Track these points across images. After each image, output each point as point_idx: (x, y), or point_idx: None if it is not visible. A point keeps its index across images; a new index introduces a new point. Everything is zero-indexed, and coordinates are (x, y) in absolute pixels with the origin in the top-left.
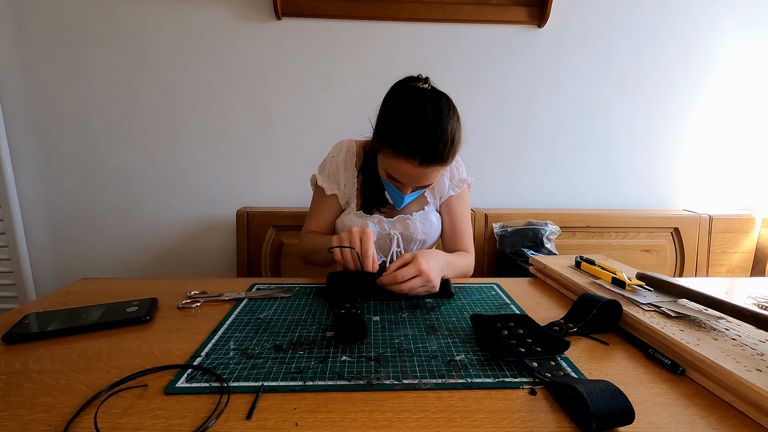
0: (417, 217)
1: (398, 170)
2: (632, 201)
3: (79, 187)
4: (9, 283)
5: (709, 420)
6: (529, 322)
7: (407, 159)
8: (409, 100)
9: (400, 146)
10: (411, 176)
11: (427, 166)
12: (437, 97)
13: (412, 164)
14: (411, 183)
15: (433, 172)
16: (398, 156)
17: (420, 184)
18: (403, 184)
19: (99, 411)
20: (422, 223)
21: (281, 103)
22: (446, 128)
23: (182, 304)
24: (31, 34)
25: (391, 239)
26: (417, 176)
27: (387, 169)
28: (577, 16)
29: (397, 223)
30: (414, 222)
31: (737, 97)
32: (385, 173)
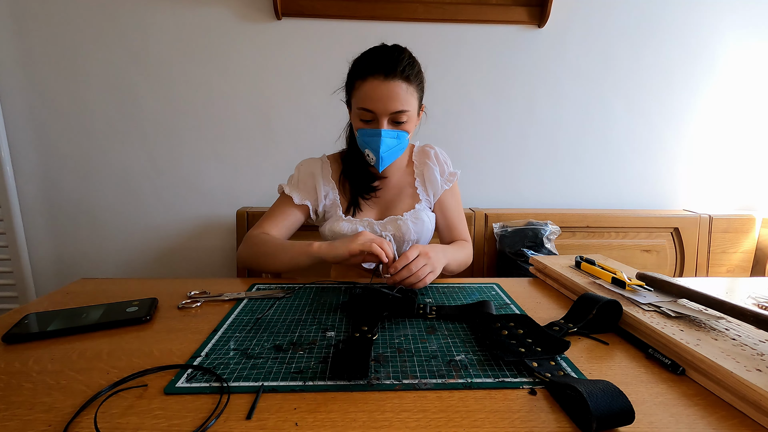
0: (408, 216)
1: (366, 94)
2: (632, 201)
3: (79, 187)
4: (9, 283)
5: (709, 420)
6: (529, 322)
7: (373, 76)
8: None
9: (363, 69)
10: (380, 96)
11: (392, 78)
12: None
13: (378, 80)
14: (382, 106)
15: (401, 89)
16: (364, 79)
17: (391, 106)
18: (376, 113)
19: (99, 411)
20: (414, 223)
21: (281, 103)
22: (402, 50)
23: (182, 304)
24: (31, 34)
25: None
26: (386, 94)
27: (358, 104)
28: (577, 16)
29: (389, 225)
30: (405, 222)
31: (737, 97)
32: (359, 117)
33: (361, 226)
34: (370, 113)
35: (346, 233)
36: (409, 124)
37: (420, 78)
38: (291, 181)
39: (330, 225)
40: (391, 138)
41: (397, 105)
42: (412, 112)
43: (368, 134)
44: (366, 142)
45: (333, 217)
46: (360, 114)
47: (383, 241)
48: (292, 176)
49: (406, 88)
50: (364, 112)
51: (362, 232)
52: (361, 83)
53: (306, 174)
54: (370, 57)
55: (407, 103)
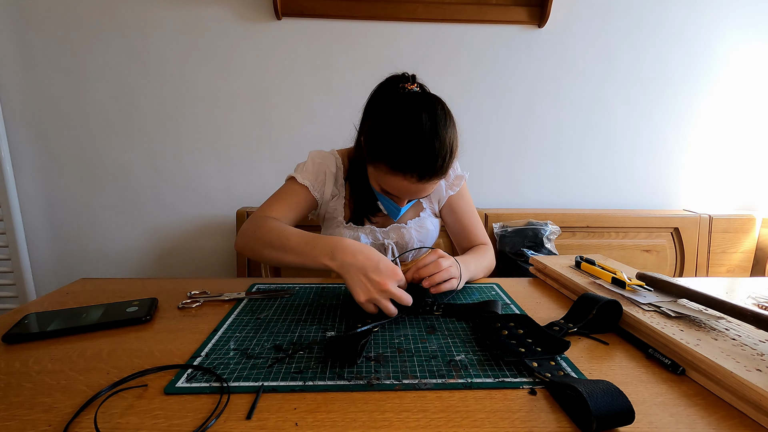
0: (412, 225)
1: (393, 186)
2: (632, 201)
3: (79, 187)
4: (9, 283)
5: (709, 420)
6: (529, 322)
7: (404, 176)
8: (402, 109)
9: (396, 163)
10: (407, 192)
11: (426, 181)
12: (432, 105)
13: (409, 181)
14: (407, 197)
15: (430, 187)
16: (394, 173)
17: (417, 197)
18: (399, 197)
19: (99, 411)
20: (417, 231)
21: (281, 103)
22: (444, 140)
23: (182, 304)
24: (31, 34)
25: (385, 249)
26: (414, 192)
27: (381, 184)
28: (577, 16)
29: (391, 233)
30: (409, 230)
31: (737, 97)
32: (379, 187)
33: (363, 234)
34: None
35: None
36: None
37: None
38: (303, 169)
39: (332, 231)
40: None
41: (425, 195)
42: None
43: (386, 201)
44: (381, 201)
45: (335, 222)
46: (380, 186)
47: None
48: (305, 165)
49: (438, 182)
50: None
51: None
52: (390, 173)
53: (319, 166)
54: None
55: (434, 188)
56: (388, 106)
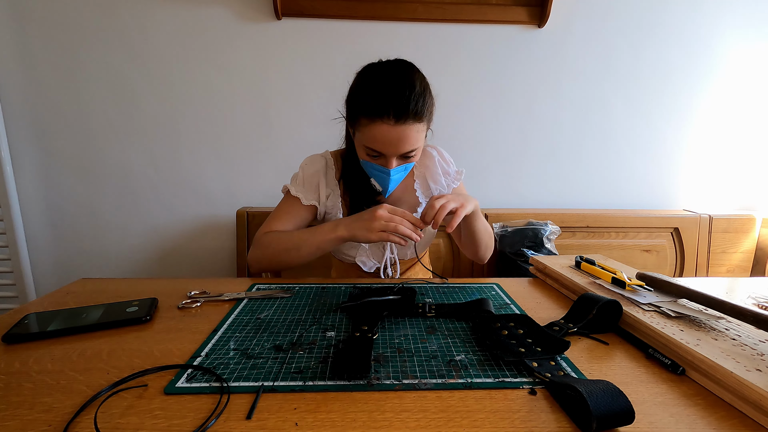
0: None
1: (376, 137)
2: (632, 201)
3: (79, 187)
4: (9, 283)
5: (709, 420)
6: (529, 322)
7: (382, 119)
8: (371, 68)
9: (372, 109)
10: (390, 140)
11: (404, 122)
12: (398, 61)
13: (388, 124)
14: (392, 149)
15: (412, 131)
16: (372, 120)
17: (402, 148)
18: (385, 154)
19: (99, 411)
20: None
21: (281, 103)
22: (413, 81)
23: (182, 304)
24: (31, 34)
25: (384, 246)
26: (396, 138)
27: (365, 143)
28: (577, 16)
29: None
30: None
31: (737, 97)
32: (365, 151)
33: None
34: (377, 152)
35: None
36: (417, 155)
37: (430, 107)
38: (296, 180)
39: None
40: (399, 173)
41: (408, 146)
42: (420, 144)
43: (375, 169)
44: (372, 174)
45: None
46: (366, 150)
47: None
48: (297, 175)
49: (417, 128)
50: (371, 150)
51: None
52: (369, 123)
53: (310, 172)
54: (378, 93)
55: (417, 141)
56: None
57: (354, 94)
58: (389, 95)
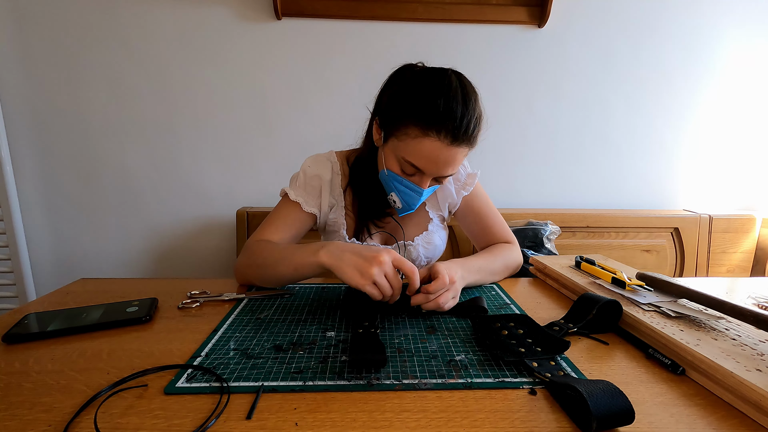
0: (419, 241)
1: (422, 152)
2: (632, 201)
3: (79, 187)
4: (9, 283)
5: (709, 420)
6: (529, 322)
7: (437, 135)
8: (429, 72)
9: (430, 119)
10: (437, 159)
11: (458, 145)
12: (458, 73)
13: (442, 142)
14: (434, 170)
15: (461, 155)
16: (425, 133)
17: (444, 171)
18: (424, 173)
19: (99, 411)
20: (425, 248)
21: (281, 103)
22: (476, 101)
23: (182, 304)
24: (31, 34)
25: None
26: (444, 159)
27: (405, 155)
28: (577, 16)
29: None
30: (416, 248)
31: (737, 97)
32: (399, 165)
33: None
34: (416, 169)
35: None
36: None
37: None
38: (296, 182)
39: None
40: (428, 194)
41: (451, 171)
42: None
43: (405, 185)
44: (398, 190)
45: (336, 236)
46: (402, 164)
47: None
48: (297, 177)
49: (465, 152)
50: (409, 165)
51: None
52: (420, 135)
53: (313, 176)
54: (441, 104)
55: (459, 164)
56: (412, 75)
57: (405, 95)
58: (454, 111)
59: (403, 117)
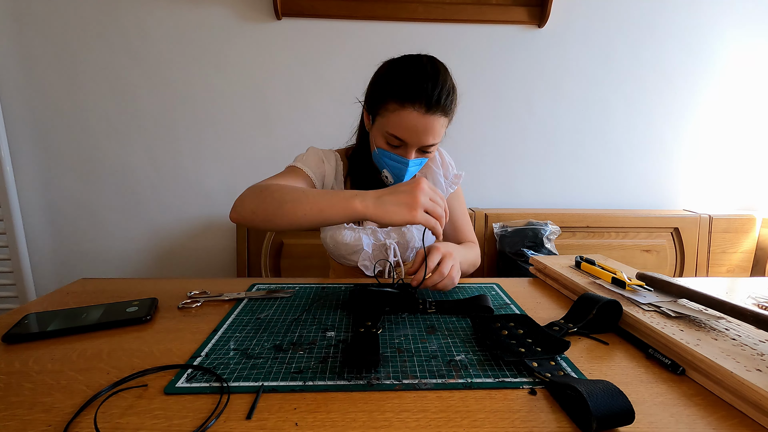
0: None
1: (401, 123)
2: (632, 201)
3: (79, 187)
4: (9, 283)
5: (709, 420)
6: (529, 322)
7: (412, 105)
8: (404, 57)
9: (404, 92)
10: (416, 129)
11: (433, 113)
12: (429, 56)
13: (418, 112)
14: (416, 139)
15: (438, 124)
16: (402, 105)
17: (425, 140)
18: (407, 143)
19: (99, 411)
20: (418, 230)
21: (281, 103)
22: (447, 77)
23: (182, 304)
24: (31, 34)
25: (386, 249)
26: (423, 128)
27: (389, 129)
28: (577, 16)
29: (392, 232)
30: (410, 230)
31: (737, 97)
32: (385, 139)
33: (365, 234)
34: (399, 141)
35: (348, 243)
36: (433, 152)
37: (454, 108)
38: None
39: (331, 232)
40: (415, 165)
41: (431, 139)
42: (439, 141)
43: (393, 159)
44: (387, 165)
45: None
46: (387, 137)
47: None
48: (303, 155)
49: (442, 122)
50: (393, 138)
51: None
52: (398, 108)
53: (318, 158)
54: (412, 78)
55: (439, 136)
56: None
57: (384, 78)
58: (424, 82)
59: (384, 96)
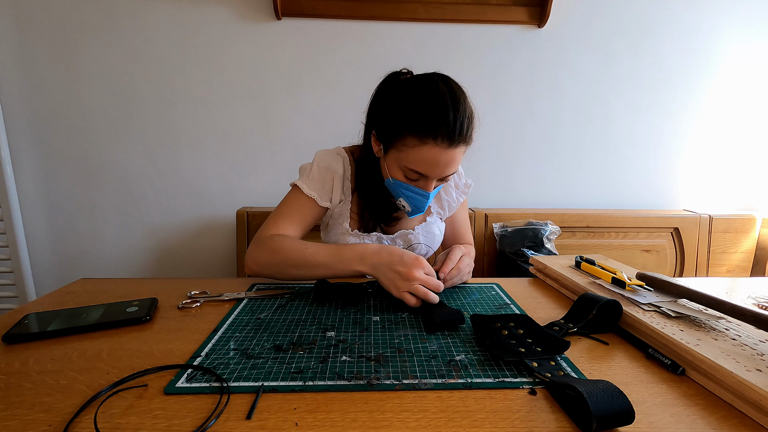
0: (419, 230)
1: (423, 160)
2: (632, 201)
3: (79, 187)
4: (9, 283)
5: (709, 420)
6: (529, 322)
7: (434, 141)
8: (418, 82)
9: (425, 128)
10: (438, 163)
11: (456, 146)
12: (443, 76)
13: (439, 147)
14: (436, 172)
15: (460, 154)
16: (422, 141)
17: (446, 171)
18: (428, 177)
19: (99, 411)
20: (424, 236)
21: (281, 103)
22: (465, 103)
23: (182, 304)
24: (31, 34)
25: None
26: (444, 161)
27: (407, 164)
28: (577, 16)
29: (399, 239)
30: (416, 236)
31: (737, 97)
32: (403, 173)
33: (370, 240)
34: (419, 175)
35: None
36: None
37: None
38: (308, 175)
39: (336, 238)
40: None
41: (453, 170)
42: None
43: (411, 191)
44: (405, 196)
45: (339, 229)
46: (406, 171)
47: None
48: (310, 169)
49: (463, 150)
50: (413, 172)
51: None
52: (418, 143)
53: (325, 170)
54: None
55: (459, 163)
56: (401, 87)
57: (398, 108)
58: (446, 115)
59: (400, 130)
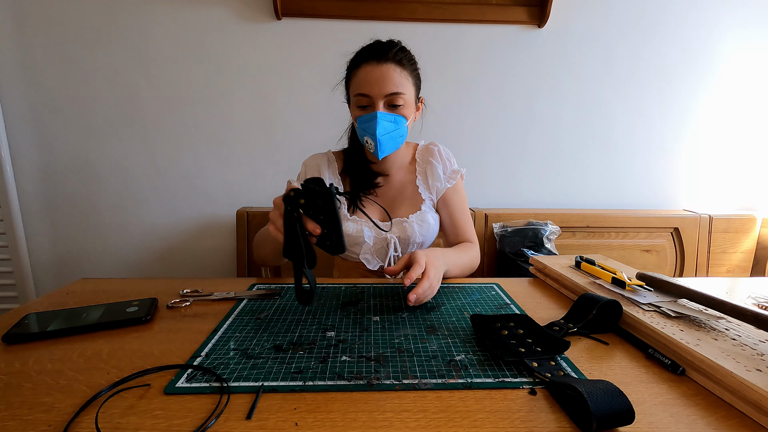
0: (413, 219)
1: (361, 81)
2: (632, 201)
3: (79, 187)
4: (9, 283)
5: (709, 420)
6: (529, 322)
7: (366, 63)
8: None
9: (357, 59)
10: (374, 78)
11: (385, 62)
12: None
13: (370, 65)
14: (376, 89)
15: (394, 72)
16: (358, 66)
17: (385, 87)
18: (371, 95)
19: (99, 411)
20: (419, 225)
21: (281, 103)
22: (395, 41)
23: (171, 303)
24: (31, 34)
25: (388, 243)
26: (379, 76)
27: (354, 91)
28: (577, 16)
29: (394, 227)
30: (411, 224)
31: (737, 97)
32: (356, 104)
33: (366, 227)
34: (365, 98)
35: (350, 233)
36: (405, 109)
37: (414, 65)
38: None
39: None
40: (388, 121)
41: (391, 86)
42: (408, 96)
43: (365, 119)
44: (364, 129)
45: None
46: (357, 101)
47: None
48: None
49: (399, 72)
50: (360, 97)
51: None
52: (356, 71)
53: (313, 168)
54: (364, 48)
55: (402, 86)
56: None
57: (347, 64)
58: (372, 45)
59: (348, 73)
